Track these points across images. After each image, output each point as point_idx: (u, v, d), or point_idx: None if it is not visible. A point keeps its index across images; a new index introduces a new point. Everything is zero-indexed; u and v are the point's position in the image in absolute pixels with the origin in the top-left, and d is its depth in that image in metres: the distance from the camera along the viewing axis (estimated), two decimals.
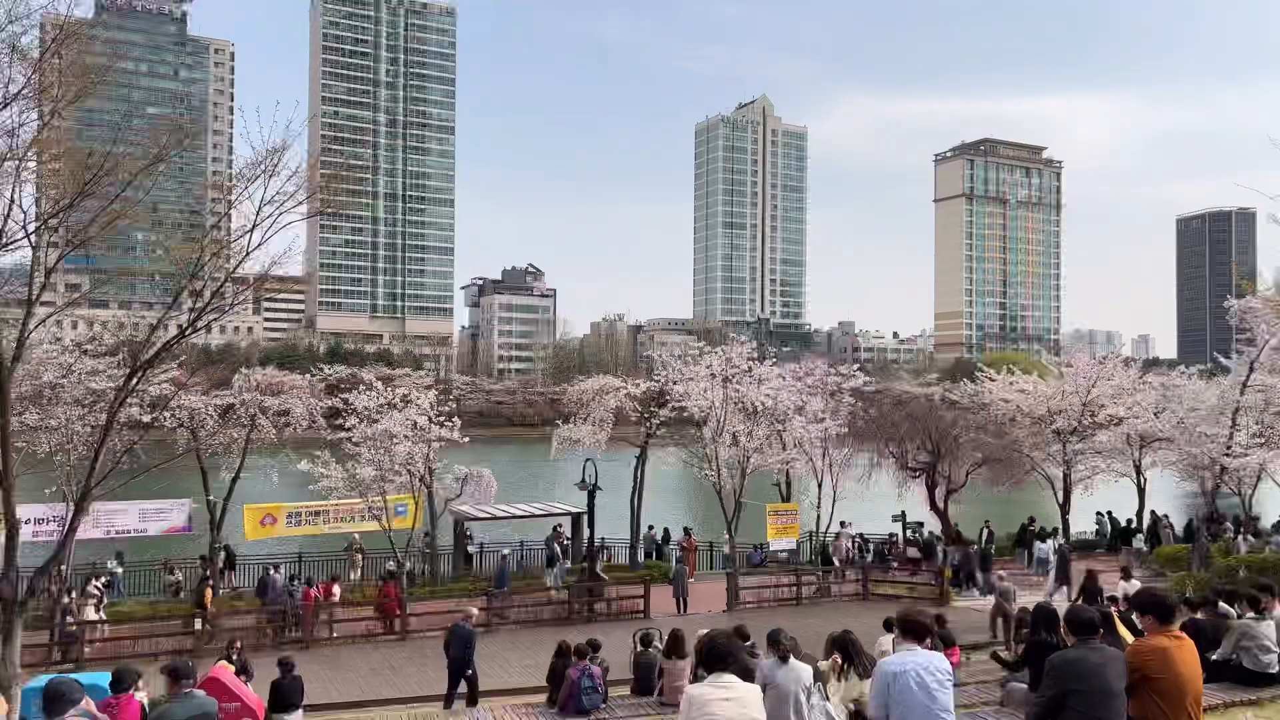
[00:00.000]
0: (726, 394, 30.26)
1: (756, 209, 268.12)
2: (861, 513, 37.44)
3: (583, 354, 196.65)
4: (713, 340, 43.89)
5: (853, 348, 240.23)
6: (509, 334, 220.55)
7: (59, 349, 29.82)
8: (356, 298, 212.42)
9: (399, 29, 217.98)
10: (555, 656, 15.83)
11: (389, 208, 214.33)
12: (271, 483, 34.04)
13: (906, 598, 28.31)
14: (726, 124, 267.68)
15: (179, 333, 16.30)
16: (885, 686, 6.44)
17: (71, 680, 7.92)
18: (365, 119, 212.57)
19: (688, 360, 33.47)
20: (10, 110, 14.79)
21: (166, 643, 22.46)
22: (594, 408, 37.09)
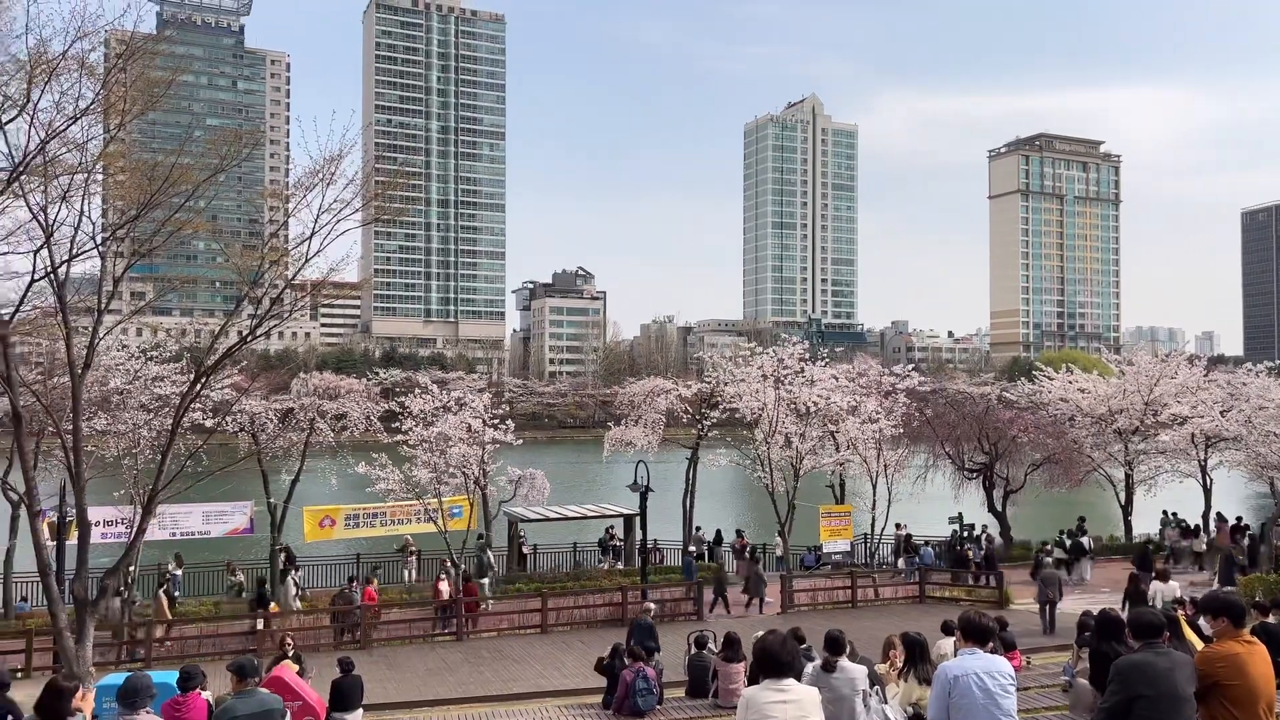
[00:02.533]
0: (778, 395, 30.11)
1: (807, 208, 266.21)
2: (917, 515, 36.97)
3: (633, 356, 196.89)
4: (763, 341, 43.73)
5: (906, 347, 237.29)
6: (559, 337, 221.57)
7: (125, 355, 30.67)
8: (411, 302, 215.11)
9: (449, 37, 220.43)
10: (610, 656, 15.88)
11: (441, 213, 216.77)
12: (330, 485, 34.60)
13: (965, 601, 27.89)
14: (775, 123, 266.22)
15: (241, 339, 16.67)
16: (946, 690, 6.36)
17: (146, 676, 8.17)
18: (417, 126, 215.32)
19: (739, 361, 33.39)
20: (79, 124, 15.25)
21: (230, 642, 22.92)
22: (645, 409, 37.15)
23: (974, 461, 36.04)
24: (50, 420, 19.18)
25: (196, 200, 17.89)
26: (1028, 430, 35.64)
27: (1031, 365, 53.34)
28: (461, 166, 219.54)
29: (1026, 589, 27.16)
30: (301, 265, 17.14)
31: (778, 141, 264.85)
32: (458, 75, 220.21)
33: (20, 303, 16.22)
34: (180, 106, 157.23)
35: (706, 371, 37.08)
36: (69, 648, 16.70)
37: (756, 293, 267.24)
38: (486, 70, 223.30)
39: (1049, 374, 40.46)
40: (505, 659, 22.41)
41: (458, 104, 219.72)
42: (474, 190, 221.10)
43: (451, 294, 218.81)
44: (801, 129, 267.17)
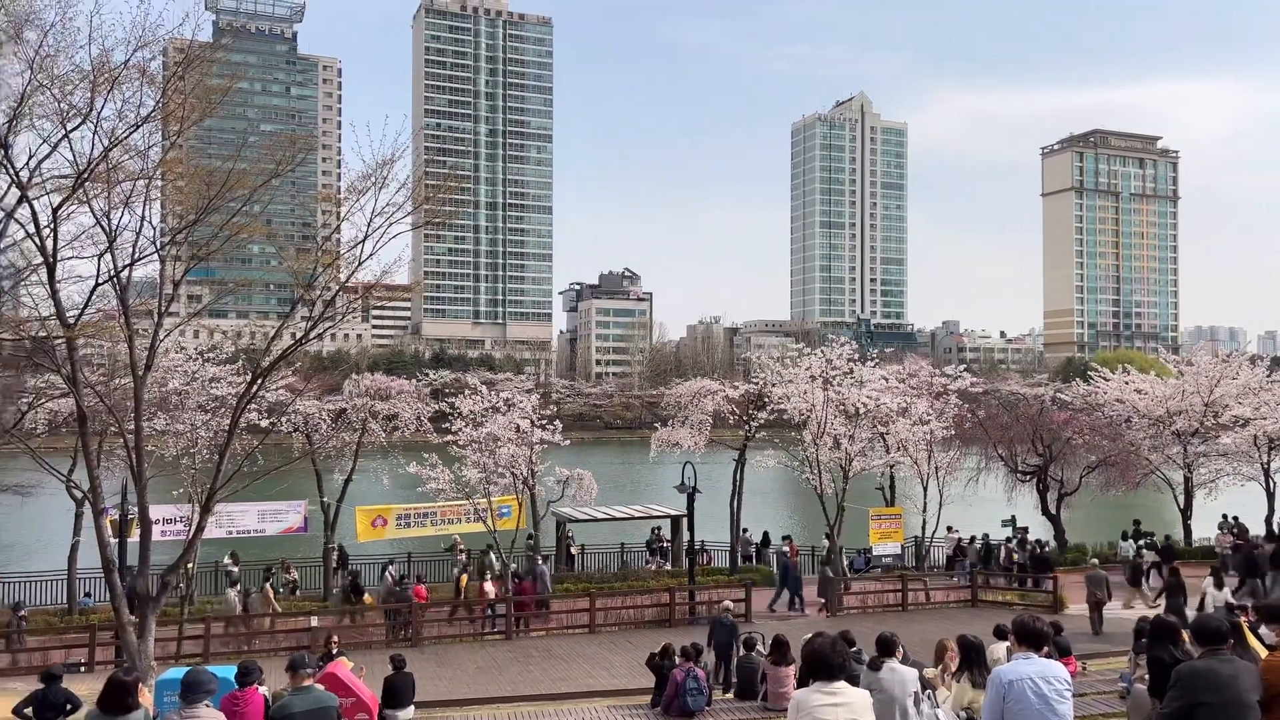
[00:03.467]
0: (827, 396, 29.90)
1: (855, 207, 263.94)
2: (969, 518, 36.48)
3: (679, 357, 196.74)
4: (811, 342, 43.52)
5: (957, 348, 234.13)
6: (606, 338, 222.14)
7: (183, 357, 31.37)
8: (459, 304, 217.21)
9: (497, 41, 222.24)
10: (660, 656, 15.89)
11: (489, 216, 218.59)
12: (382, 484, 35.04)
13: (1018, 605, 27.47)
14: (823, 122, 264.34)
15: (296, 341, 16.97)
16: (1000, 695, 6.28)
17: (208, 671, 8.36)
18: (466, 130, 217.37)
19: (786, 362, 33.20)
20: (141, 132, 15.65)
21: (285, 639, 23.34)
22: (692, 410, 37.08)
23: (1027, 464, 35.46)
24: (113, 420, 19.69)
25: (252, 205, 18.29)
26: (1083, 432, 34.99)
27: (1086, 366, 52.36)
28: (509, 169, 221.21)
29: (1082, 592, 26.73)
30: (355, 268, 17.42)
31: (826, 140, 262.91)
32: (505, 79, 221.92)
33: (85, 306, 16.70)
34: (235, 113, 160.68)
35: (754, 372, 36.85)
36: (131, 642, 17.13)
37: (804, 293, 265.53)
38: (534, 73, 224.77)
39: (1105, 375, 39.69)
40: (554, 658, 22.54)
41: (505, 107, 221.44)
42: (521, 193, 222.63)
43: (499, 296, 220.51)
44: (850, 127, 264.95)
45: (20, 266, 20.23)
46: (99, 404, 19.23)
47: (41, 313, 17.99)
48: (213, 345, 33.13)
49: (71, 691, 12.53)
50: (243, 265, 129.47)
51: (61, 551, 29.67)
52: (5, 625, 24.47)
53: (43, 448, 23.79)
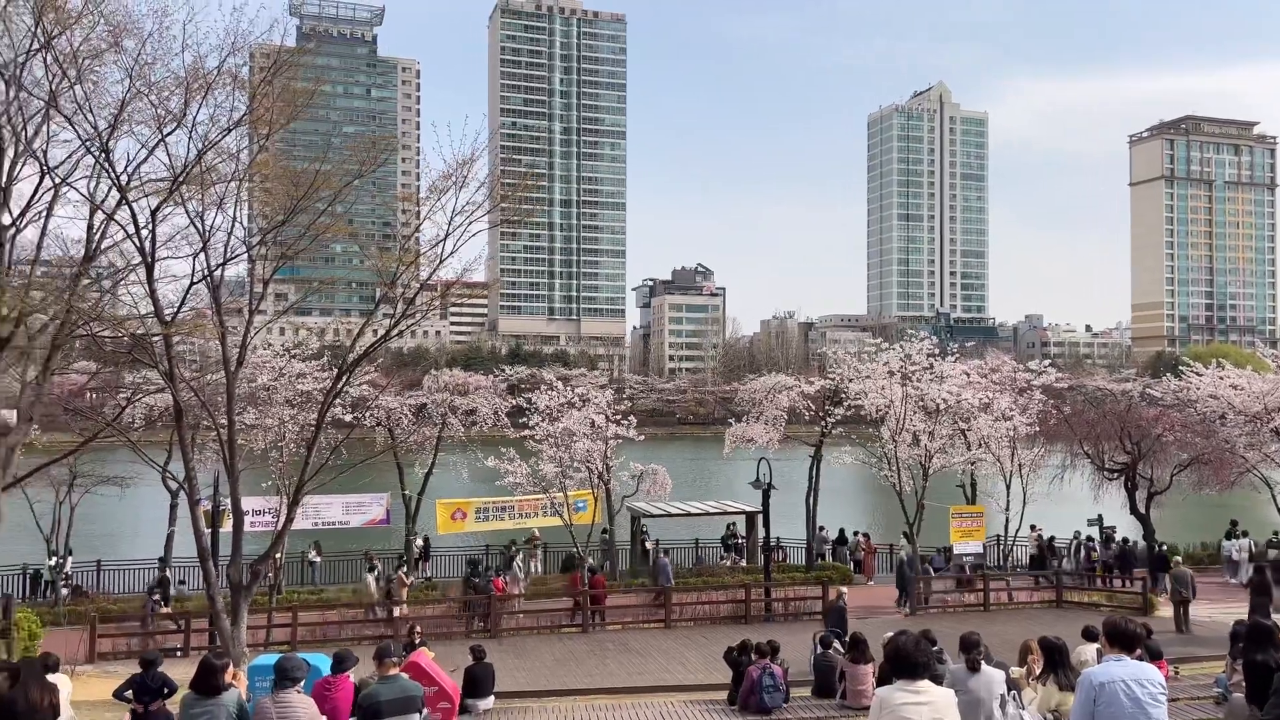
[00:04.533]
0: (906, 392, 29.45)
1: (934, 199, 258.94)
2: (1054, 516, 35.57)
3: (753, 352, 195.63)
4: (889, 336, 42.90)
5: (1041, 342, 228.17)
6: (679, 333, 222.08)
7: (271, 354, 32.37)
8: (535, 301, 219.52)
9: (571, 39, 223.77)
10: (738, 652, 15.88)
11: (564, 213, 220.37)
12: (461, 478, 35.64)
13: (1105, 606, 26.70)
14: (901, 113, 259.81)
15: (380, 337, 17.37)
16: (1090, 697, 6.14)
17: (299, 658, 8.66)
18: (540, 128, 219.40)
19: (864, 357, 32.80)
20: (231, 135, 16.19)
21: (368, 628, 23.93)
22: (766, 406, 36.89)
23: (1115, 462, 34.41)
24: (206, 414, 20.44)
25: (336, 205, 18.78)
26: (1174, 429, 33.82)
27: (1177, 360, 50.61)
28: (583, 166, 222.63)
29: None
30: (436, 266, 17.76)
31: (903, 131, 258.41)
32: (579, 76, 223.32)
33: (181, 304, 17.37)
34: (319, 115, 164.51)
35: (829, 368, 36.50)
36: (225, 628, 17.76)
37: (881, 287, 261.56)
38: (608, 70, 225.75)
39: (1197, 369, 38.26)
40: (630, 652, 22.68)
41: (579, 105, 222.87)
42: (595, 190, 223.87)
43: (574, 292, 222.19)
44: (928, 118, 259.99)
45: (120, 267, 21.10)
46: (193, 399, 19.98)
47: (140, 311, 18.74)
48: (299, 342, 34.12)
49: (169, 676, 13.03)
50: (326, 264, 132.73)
51: (157, 541, 30.89)
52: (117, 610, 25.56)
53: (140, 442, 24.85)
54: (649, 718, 15.00)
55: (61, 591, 28.90)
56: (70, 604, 27.48)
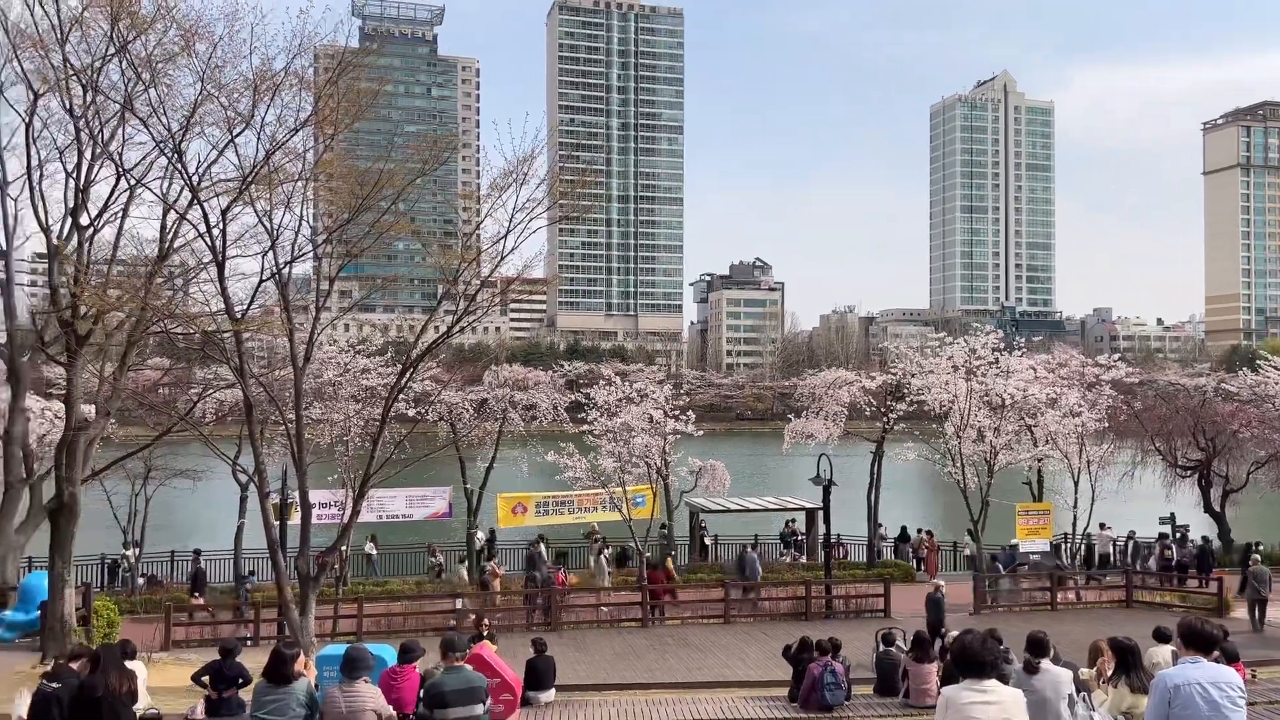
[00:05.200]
0: (970, 387, 28.97)
1: (999, 191, 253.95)
2: (1124, 514, 34.72)
3: (812, 347, 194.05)
4: (952, 331, 42.20)
5: (1110, 336, 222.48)
6: (737, 328, 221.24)
7: (336, 350, 33.00)
8: (592, 297, 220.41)
9: (629, 34, 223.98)
10: (798, 650, 15.79)
11: (621, 209, 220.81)
12: (521, 472, 35.97)
13: (1179, 607, 25.98)
14: (964, 103, 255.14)
15: (444, 332, 17.61)
16: (1165, 700, 5.98)
17: (365, 649, 8.84)
18: (598, 124, 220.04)
19: (927, 352, 32.34)
20: (299, 135, 16.53)
21: (432, 619, 24.27)
22: (826, 401, 36.55)
23: (1188, 458, 33.50)
24: (275, 409, 20.92)
25: (399, 203, 19.08)
26: (1250, 425, 32.81)
27: (1254, 354, 48.90)
28: (640, 162, 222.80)
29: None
30: (498, 262, 17.95)
31: (966, 122, 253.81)
32: (637, 71, 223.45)
33: (251, 301, 17.81)
34: (381, 115, 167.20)
35: (891, 363, 36.02)
36: (294, 619, 18.18)
37: (944, 280, 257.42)
38: (665, 65, 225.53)
39: (1275, 363, 36.99)
40: (689, 647, 22.68)
41: (637, 100, 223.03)
42: (652, 185, 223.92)
43: (631, 288, 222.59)
44: (992, 108, 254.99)
45: (191, 265, 21.71)
46: (263, 394, 20.47)
47: (210, 308, 19.25)
48: (363, 338, 34.75)
49: (244, 666, 13.37)
50: (389, 261, 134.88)
51: (228, 532, 31.72)
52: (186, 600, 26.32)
53: (211, 436, 25.49)
54: (709, 713, 14.98)
55: (138, 581, 29.84)
56: (145, 593, 28.35)
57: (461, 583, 27.72)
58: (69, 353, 19.07)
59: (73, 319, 18.58)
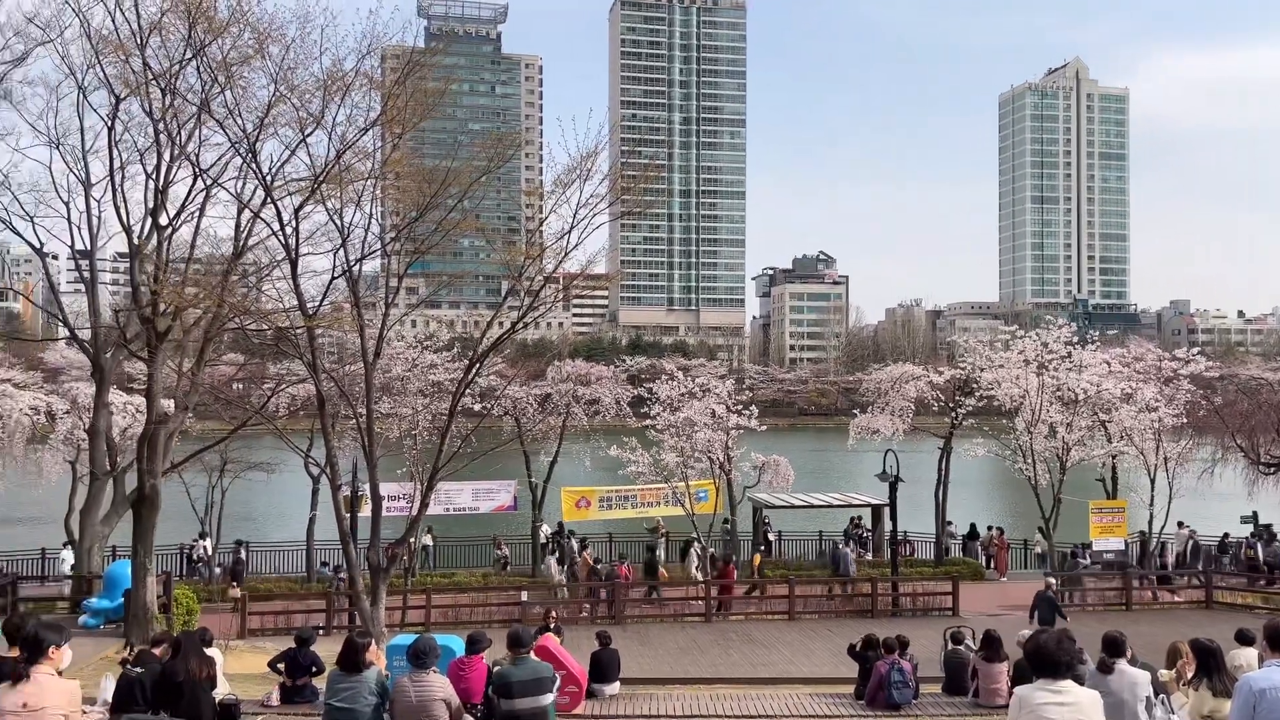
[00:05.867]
0: (1042, 382, 28.34)
1: (1070, 181, 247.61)
2: (1203, 513, 33.66)
3: (877, 341, 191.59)
4: (1022, 324, 41.33)
5: (1188, 329, 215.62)
6: (800, 323, 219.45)
7: (404, 345, 33.59)
8: (654, 292, 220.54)
9: (691, 28, 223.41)
10: (864, 648, 15.63)
11: (683, 204, 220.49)
12: (585, 467, 36.18)
13: (1262, 609, 25.12)
14: (1034, 91, 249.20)
15: (509, 327, 17.80)
16: (1249, 704, 5.78)
17: (433, 639, 8.98)
18: (660, 119, 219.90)
19: (996, 346, 31.73)
20: (368, 135, 16.84)
21: (498, 611, 24.58)
22: (892, 397, 36.12)
23: (1272, 455, 32.29)
24: (346, 403, 21.36)
25: (465, 201, 19.33)
26: None
27: None
28: (702, 156, 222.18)
29: None
30: (562, 258, 18.09)
31: (1037, 111, 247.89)
32: (699, 65, 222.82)
33: (323, 298, 18.23)
34: (446, 113, 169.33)
35: (959, 357, 35.42)
36: (365, 608, 18.57)
37: (1014, 273, 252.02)
38: (727, 58, 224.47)
39: None
40: (753, 643, 22.61)
41: (699, 94, 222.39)
42: (714, 179, 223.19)
43: (693, 283, 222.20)
44: (1064, 96, 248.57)
45: (265, 263, 22.28)
46: (334, 388, 20.92)
47: (284, 305, 19.72)
48: (430, 334, 35.29)
49: (318, 655, 13.70)
50: (455, 258, 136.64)
51: (300, 524, 32.49)
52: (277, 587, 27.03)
53: (285, 430, 26.11)
54: (774, 709, 14.90)
55: (215, 570, 30.73)
56: (222, 583, 29.19)
57: (547, 575, 28.09)
58: (149, 349, 19.71)
59: (153, 316, 19.20)
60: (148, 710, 10.07)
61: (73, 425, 30.35)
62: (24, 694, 6.24)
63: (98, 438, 23.55)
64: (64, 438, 30.74)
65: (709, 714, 14.54)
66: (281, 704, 13.19)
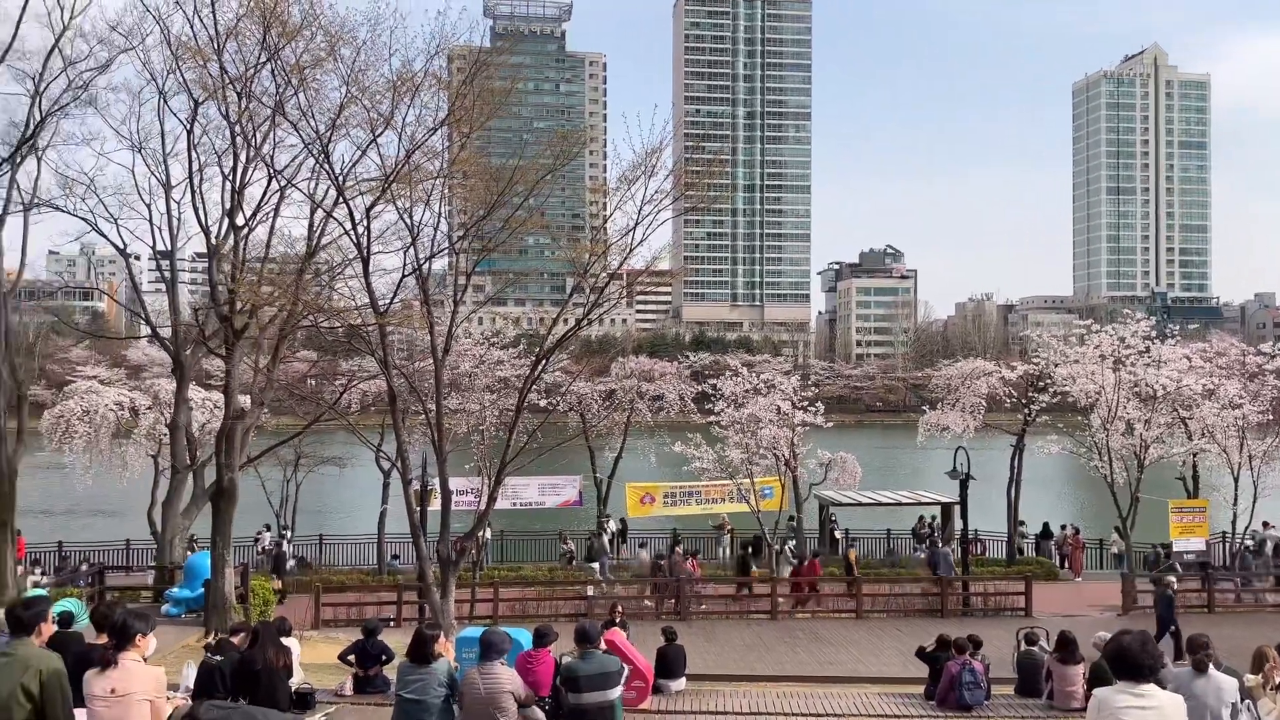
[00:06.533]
0: (1119, 377, 27.56)
1: (1148, 170, 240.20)
2: None
3: (946, 337, 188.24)
4: (1098, 318, 40.17)
5: (1274, 323, 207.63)
6: (867, 318, 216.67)
7: (471, 342, 34.03)
8: (717, 288, 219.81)
9: (755, 22, 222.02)
10: (936, 647, 15.39)
11: (747, 199, 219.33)
12: (649, 463, 36.24)
13: None
14: (1110, 79, 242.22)
15: (575, 323, 17.92)
16: None
17: (503, 632, 9.08)
18: (724, 114, 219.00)
19: (1071, 341, 30.94)
20: (437, 135, 17.08)
21: (564, 606, 24.75)
22: (963, 393, 35.49)
23: None
24: (415, 399, 21.71)
25: (531, 199, 19.50)
26: None
27: None
28: (767, 150, 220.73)
29: None
30: (627, 255, 18.13)
31: (1113, 99, 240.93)
32: (764, 59, 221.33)
33: (393, 296, 18.55)
34: (511, 112, 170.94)
35: (1033, 352, 34.63)
36: (435, 601, 18.86)
37: (1089, 265, 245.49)
38: (792, 52, 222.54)
39: None
40: (820, 641, 22.41)
41: (763, 88, 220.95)
42: (779, 174, 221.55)
43: (757, 278, 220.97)
44: (1140, 83, 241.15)
45: (336, 262, 22.76)
46: (404, 384, 21.29)
47: (356, 302, 20.12)
48: (496, 331, 35.70)
49: (387, 644, 13.97)
50: (520, 256, 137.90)
51: (371, 517, 33.14)
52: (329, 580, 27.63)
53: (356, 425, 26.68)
54: (842, 708, 14.77)
55: (289, 563, 31.48)
56: (296, 574, 29.90)
57: (644, 566, 28.25)
58: (227, 346, 20.28)
59: (230, 314, 19.75)
60: (227, 697, 10.38)
61: (155, 420, 31.29)
62: (112, 679, 6.47)
63: (178, 432, 24.30)
64: (147, 432, 31.71)
65: (776, 712, 14.46)
66: (354, 694, 13.48)
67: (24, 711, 5.40)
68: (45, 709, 5.45)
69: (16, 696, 5.40)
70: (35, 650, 5.69)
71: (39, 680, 5.50)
